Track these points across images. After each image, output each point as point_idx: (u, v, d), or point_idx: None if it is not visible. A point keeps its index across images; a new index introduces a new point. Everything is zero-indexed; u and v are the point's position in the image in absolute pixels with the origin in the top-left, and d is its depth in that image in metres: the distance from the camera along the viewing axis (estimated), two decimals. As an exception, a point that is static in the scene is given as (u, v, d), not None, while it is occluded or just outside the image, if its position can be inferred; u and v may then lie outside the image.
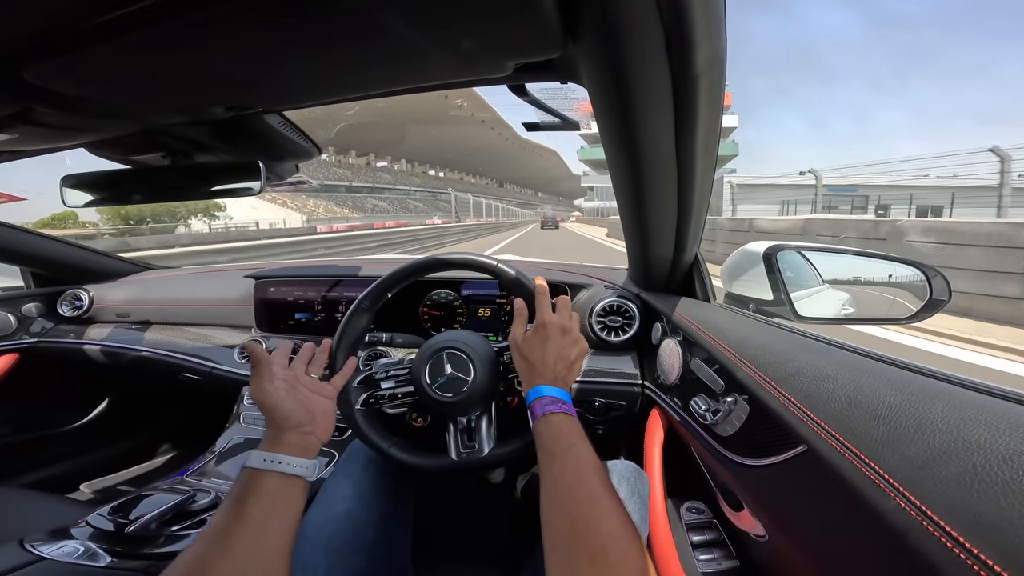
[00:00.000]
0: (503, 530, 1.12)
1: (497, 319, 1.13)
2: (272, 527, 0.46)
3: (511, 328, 0.65)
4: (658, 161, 0.56)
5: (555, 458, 0.48)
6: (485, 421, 0.71)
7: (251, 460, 0.50)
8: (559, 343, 0.61)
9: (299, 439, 0.54)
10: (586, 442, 0.50)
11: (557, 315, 0.64)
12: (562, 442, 0.50)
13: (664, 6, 0.35)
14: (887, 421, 0.34)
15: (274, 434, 0.53)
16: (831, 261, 1.03)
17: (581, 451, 0.49)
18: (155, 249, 11.31)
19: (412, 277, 0.78)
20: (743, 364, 0.55)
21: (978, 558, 0.23)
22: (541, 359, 0.60)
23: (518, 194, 72.50)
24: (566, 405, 0.55)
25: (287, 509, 0.48)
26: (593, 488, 0.44)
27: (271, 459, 0.50)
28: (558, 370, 0.60)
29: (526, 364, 0.61)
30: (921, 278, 0.84)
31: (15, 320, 1.32)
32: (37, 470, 1.39)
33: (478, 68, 0.51)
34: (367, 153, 32.44)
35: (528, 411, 0.56)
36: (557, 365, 0.60)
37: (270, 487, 0.48)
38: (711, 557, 0.66)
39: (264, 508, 0.46)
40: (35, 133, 0.65)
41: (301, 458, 0.51)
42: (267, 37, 0.43)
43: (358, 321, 0.76)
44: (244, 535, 0.44)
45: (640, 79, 0.43)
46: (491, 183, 60.89)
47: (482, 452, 0.69)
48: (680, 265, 0.88)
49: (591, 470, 0.46)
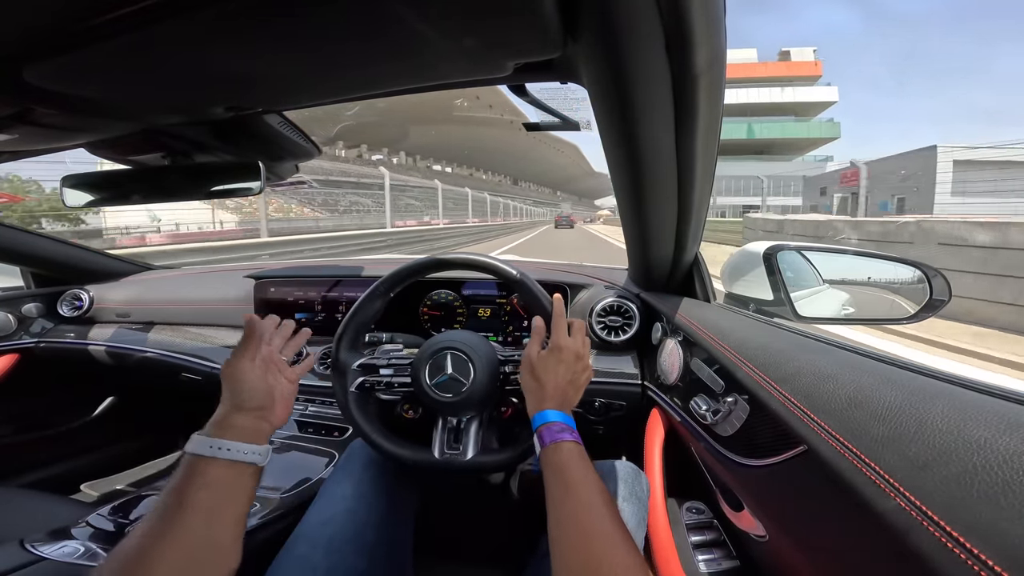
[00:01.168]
0: (503, 530, 1.12)
1: (497, 319, 1.13)
2: (223, 516, 0.44)
3: (527, 343, 0.65)
4: (658, 161, 0.56)
5: (568, 491, 0.47)
6: (475, 426, 0.71)
7: (193, 446, 0.46)
8: (572, 368, 0.61)
9: (253, 423, 0.51)
10: (594, 472, 0.50)
11: (572, 339, 0.64)
12: (575, 473, 0.49)
13: (664, 6, 0.35)
14: (887, 421, 0.34)
15: (225, 415, 0.50)
16: (831, 261, 1.03)
17: (593, 484, 0.48)
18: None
19: (431, 272, 0.79)
20: (743, 364, 0.55)
21: (978, 558, 0.23)
22: (553, 381, 0.59)
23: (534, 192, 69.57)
24: (574, 433, 0.54)
25: (238, 496, 0.46)
26: (607, 526, 0.44)
27: (217, 445, 0.46)
28: (568, 395, 0.60)
29: (536, 384, 0.60)
30: (921, 278, 0.84)
31: (15, 320, 1.32)
32: (37, 470, 1.39)
33: (478, 68, 0.51)
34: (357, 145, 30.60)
35: (536, 436, 0.55)
36: (568, 389, 0.60)
37: (218, 474, 0.45)
38: (711, 557, 0.66)
39: (211, 497, 0.44)
40: (35, 133, 0.65)
41: (251, 444, 0.48)
42: (267, 37, 0.43)
43: (371, 306, 0.77)
44: (192, 526, 0.42)
45: (640, 79, 0.43)
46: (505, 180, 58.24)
47: (465, 456, 0.69)
48: (680, 265, 0.88)
49: (604, 505, 0.46)
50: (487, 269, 0.76)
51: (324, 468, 0.92)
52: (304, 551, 0.61)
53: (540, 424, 0.55)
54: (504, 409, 0.78)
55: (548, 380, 0.59)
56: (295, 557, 0.61)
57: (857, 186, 14.90)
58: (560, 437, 0.52)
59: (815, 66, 39.30)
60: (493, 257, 0.77)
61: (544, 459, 0.52)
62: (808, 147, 40.99)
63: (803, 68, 39.19)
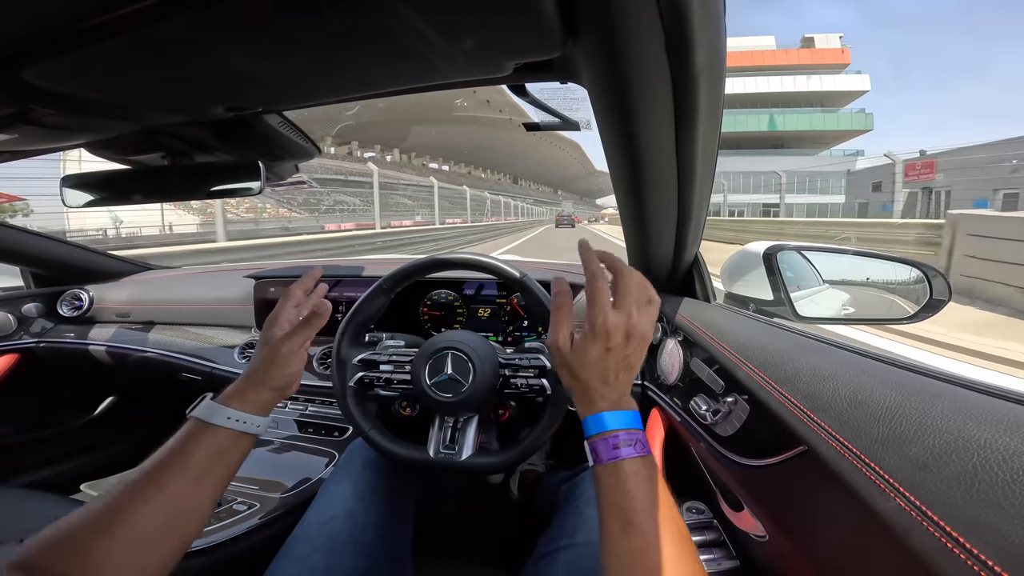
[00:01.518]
0: (503, 530, 1.12)
1: (497, 319, 1.13)
2: (214, 479, 0.46)
3: (550, 332, 0.47)
4: (658, 161, 0.56)
5: (631, 526, 0.38)
6: (472, 427, 0.71)
7: (210, 414, 0.47)
8: (623, 352, 0.44)
9: (270, 397, 0.52)
10: (667, 495, 0.41)
11: (618, 313, 0.44)
12: (643, 501, 0.39)
13: (664, 6, 0.35)
14: (887, 421, 0.34)
15: (247, 387, 0.50)
16: (831, 261, 1.03)
17: (665, 513, 0.39)
18: None
19: (433, 271, 0.79)
20: (743, 364, 0.55)
21: (978, 558, 0.23)
22: (601, 374, 0.44)
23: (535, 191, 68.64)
24: (638, 444, 0.42)
25: (233, 463, 0.48)
26: (683, 569, 0.36)
27: (228, 415, 0.47)
28: (623, 382, 0.45)
29: (578, 383, 0.45)
30: (921, 278, 0.84)
31: (15, 320, 1.32)
32: (37, 470, 1.40)
33: (478, 68, 0.51)
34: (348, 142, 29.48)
35: (588, 448, 0.43)
36: (623, 376, 0.45)
37: (222, 442, 0.46)
38: (711, 557, 0.66)
39: (208, 460, 0.45)
40: (35, 133, 0.65)
41: (261, 416, 0.50)
42: (267, 37, 0.43)
43: (375, 302, 0.77)
44: (184, 488, 0.43)
45: (640, 79, 0.43)
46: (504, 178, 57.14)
47: (460, 456, 0.69)
48: (680, 265, 0.88)
49: (680, 539, 0.38)
50: (488, 269, 0.76)
51: (324, 468, 0.92)
52: (303, 551, 0.61)
53: (595, 433, 0.43)
54: (502, 412, 0.78)
55: (594, 375, 0.44)
56: (294, 557, 0.61)
57: (931, 180, 13.20)
58: (618, 455, 0.41)
59: (842, 53, 34.90)
60: (494, 257, 0.77)
61: (598, 480, 0.41)
62: (835, 140, 36.68)
63: (828, 56, 34.83)
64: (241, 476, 0.90)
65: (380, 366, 0.76)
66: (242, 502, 0.81)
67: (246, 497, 0.83)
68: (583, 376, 0.44)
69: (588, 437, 0.43)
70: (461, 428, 0.71)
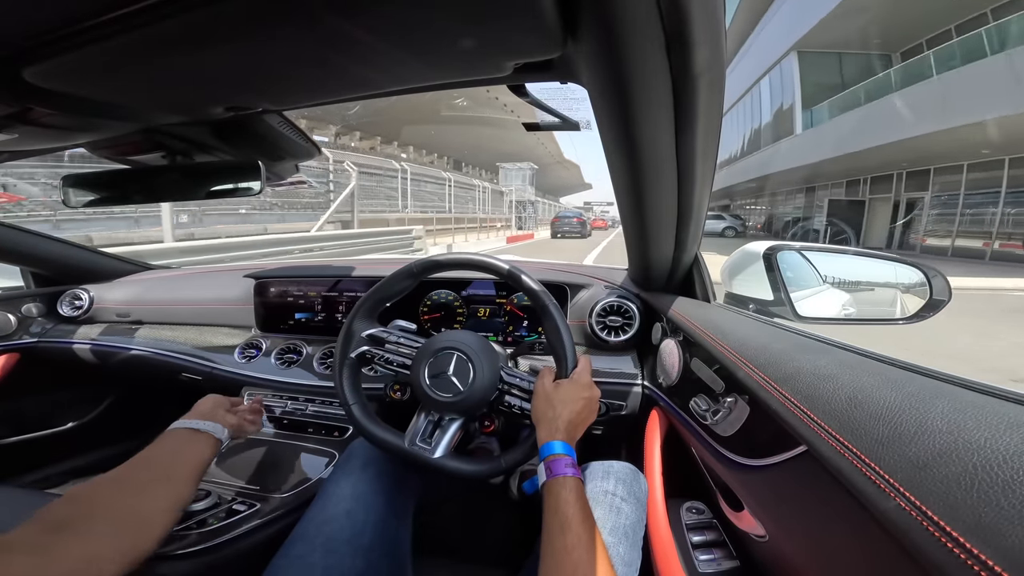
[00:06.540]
0: (503, 530, 1.12)
1: (497, 319, 1.13)
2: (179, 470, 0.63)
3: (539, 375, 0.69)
4: (658, 161, 0.56)
5: (569, 527, 0.49)
6: (452, 429, 0.71)
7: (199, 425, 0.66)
8: (590, 408, 0.65)
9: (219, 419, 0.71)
10: (590, 510, 0.53)
11: (589, 383, 0.68)
12: (575, 509, 0.51)
13: (664, 6, 0.35)
14: (887, 421, 0.34)
15: None
16: (831, 261, 1.03)
17: (588, 522, 0.51)
18: None
19: (435, 271, 0.79)
20: (743, 364, 0.55)
21: (978, 558, 0.23)
22: (568, 415, 0.62)
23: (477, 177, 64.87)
24: (577, 469, 0.57)
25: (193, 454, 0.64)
26: (602, 567, 0.47)
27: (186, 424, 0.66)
28: (578, 430, 0.63)
29: (553, 414, 0.62)
30: (921, 278, 0.84)
31: (15, 320, 1.32)
32: (37, 470, 1.40)
33: (477, 68, 0.51)
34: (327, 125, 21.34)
35: (543, 465, 0.57)
36: (579, 425, 0.63)
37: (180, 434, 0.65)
38: (711, 557, 0.66)
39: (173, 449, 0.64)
40: (35, 133, 0.65)
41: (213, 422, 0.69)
42: (267, 37, 0.43)
43: (401, 281, 0.78)
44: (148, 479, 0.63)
45: (640, 79, 0.43)
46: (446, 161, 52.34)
47: (432, 454, 0.68)
48: (680, 265, 0.88)
49: (600, 545, 0.49)
50: (478, 266, 0.76)
51: (324, 468, 0.92)
52: (302, 551, 0.61)
53: (549, 455, 0.57)
54: (487, 424, 0.78)
55: (564, 412, 0.62)
56: (293, 557, 0.61)
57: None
58: (566, 472, 0.55)
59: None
60: (484, 254, 0.78)
61: (547, 489, 0.54)
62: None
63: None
64: (241, 476, 0.91)
65: (386, 344, 0.77)
66: (242, 502, 0.81)
67: (246, 497, 0.83)
68: (558, 409, 0.62)
69: (545, 457, 0.58)
70: (443, 427, 0.71)
